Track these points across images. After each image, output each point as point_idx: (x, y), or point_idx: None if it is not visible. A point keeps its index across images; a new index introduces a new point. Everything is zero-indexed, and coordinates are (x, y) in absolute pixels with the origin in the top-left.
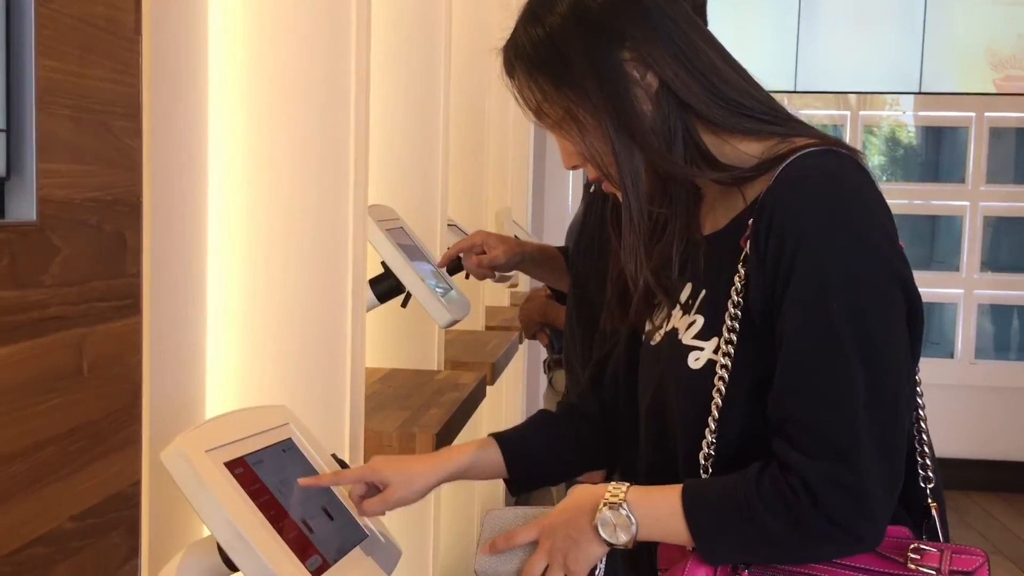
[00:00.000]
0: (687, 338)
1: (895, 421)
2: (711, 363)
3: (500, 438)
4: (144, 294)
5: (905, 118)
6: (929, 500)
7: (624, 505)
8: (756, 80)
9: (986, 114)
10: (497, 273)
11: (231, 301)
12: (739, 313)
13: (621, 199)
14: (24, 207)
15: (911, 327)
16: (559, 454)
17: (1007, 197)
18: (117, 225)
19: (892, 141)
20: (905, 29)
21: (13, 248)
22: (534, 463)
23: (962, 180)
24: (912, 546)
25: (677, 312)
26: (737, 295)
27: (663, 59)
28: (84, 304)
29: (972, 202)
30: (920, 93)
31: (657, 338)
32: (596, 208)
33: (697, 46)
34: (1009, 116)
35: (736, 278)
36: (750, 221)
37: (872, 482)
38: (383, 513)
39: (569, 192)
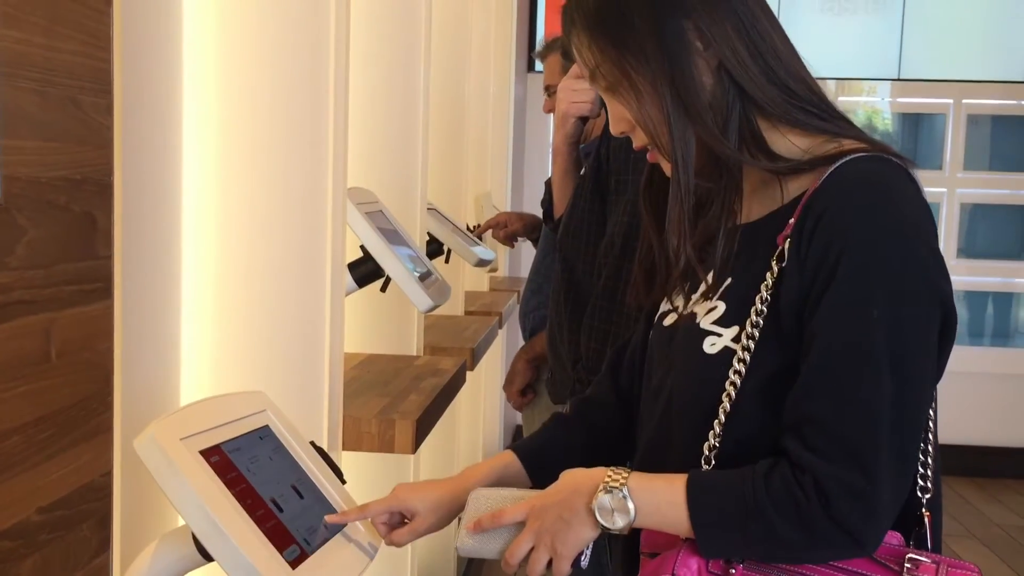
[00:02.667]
0: (706, 323)
1: (914, 433)
2: (727, 351)
3: (519, 450)
4: (115, 278)
5: (883, 104)
6: (924, 509)
7: (624, 490)
8: (810, 69)
9: (964, 100)
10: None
11: (206, 284)
12: (764, 309)
13: (669, 171)
14: None
15: (942, 343)
16: (581, 457)
17: (984, 184)
18: (87, 205)
19: (869, 128)
20: (885, 15)
21: None
22: (557, 470)
23: (939, 167)
24: (908, 555)
25: (696, 296)
26: (767, 291)
27: (725, 35)
28: (52, 288)
29: (949, 189)
30: (899, 80)
31: (670, 319)
32: (584, 191)
33: (761, 25)
34: (986, 103)
35: (768, 274)
36: (791, 220)
37: (884, 491)
38: (410, 542)
39: (549, 176)
